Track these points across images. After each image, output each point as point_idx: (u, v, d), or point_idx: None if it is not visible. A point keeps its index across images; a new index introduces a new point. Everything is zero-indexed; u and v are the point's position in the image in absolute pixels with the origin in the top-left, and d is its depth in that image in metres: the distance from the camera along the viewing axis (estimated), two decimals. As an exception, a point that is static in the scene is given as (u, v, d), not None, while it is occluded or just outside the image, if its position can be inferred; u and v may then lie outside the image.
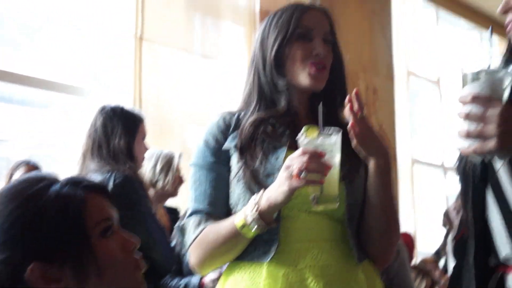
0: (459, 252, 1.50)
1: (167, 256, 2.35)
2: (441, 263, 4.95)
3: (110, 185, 2.23)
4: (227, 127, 1.54)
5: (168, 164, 2.86)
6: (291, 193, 1.34)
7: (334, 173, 1.36)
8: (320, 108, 1.39)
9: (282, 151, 1.46)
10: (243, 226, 1.40)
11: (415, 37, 6.35)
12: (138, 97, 3.44)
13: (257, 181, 1.45)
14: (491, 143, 1.07)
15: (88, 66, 3.52)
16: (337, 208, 1.39)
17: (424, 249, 5.51)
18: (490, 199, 1.26)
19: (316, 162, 1.31)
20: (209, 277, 2.41)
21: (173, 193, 2.91)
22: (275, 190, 1.37)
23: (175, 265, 2.49)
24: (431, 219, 5.81)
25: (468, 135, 1.09)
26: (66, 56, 3.60)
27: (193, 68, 3.77)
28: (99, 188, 1.15)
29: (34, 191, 1.10)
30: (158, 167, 2.83)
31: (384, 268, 1.90)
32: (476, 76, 1.11)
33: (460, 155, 1.35)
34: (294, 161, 1.32)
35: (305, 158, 1.30)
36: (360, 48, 4.82)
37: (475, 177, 1.30)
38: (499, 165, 1.23)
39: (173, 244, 2.56)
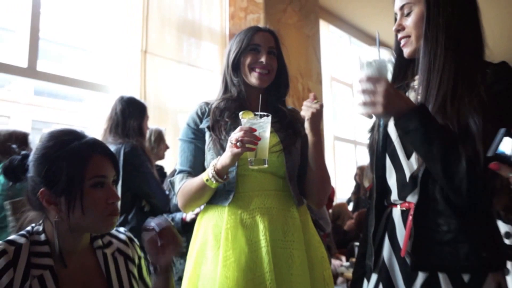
0: (368, 199, 1.52)
1: (162, 201, 2.34)
2: (350, 206, 5.05)
3: (121, 153, 2.20)
4: (203, 113, 1.53)
5: (159, 136, 2.83)
6: (234, 157, 1.33)
7: (264, 143, 1.34)
8: (259, 98, 1.40)
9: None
10: (207, 180, 1.39)
11: (336, 53, 6.38)
12: (143, 92, 3.40)
13: (221, 150, 1.43)
14: (379, 109, 1.09)
15: (108, 71, 3.46)
16: (266, 167, 1.37)
17: (340, 197, 5.61)
18: (388, 162, 1.28)
19: (249, 135, 1.29)
20: (189, 216, 2.39)
21: (162, 156, 2.88)
22: (224, 156, 1.36)
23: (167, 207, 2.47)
24: (346, 178, 5.90)
25: (364, 104, 1.10)
26: (93, 62, 3.56)
27: (182, 74, 3.72)
28: (107, 153, 1.14)
29: (62, 140, 1.11)
30: (153, 138, 2.80)
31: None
32: (368, 63, 1.14)
33: (370, 135, 1.38)
34: (235, 135, 1.31)
35: (241, 132, 1.29)
36: (298, 60, 4.83)
37: (378, 148, 1.31)
38: (394, 138, 1.25)
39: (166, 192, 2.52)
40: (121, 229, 1.31)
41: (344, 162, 6.11)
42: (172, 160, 3.06)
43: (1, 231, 2.15)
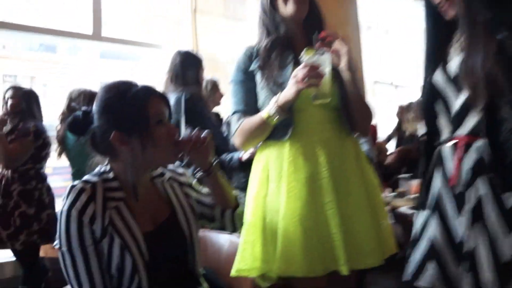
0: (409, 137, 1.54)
1: (221, 142, 2.39)
2: (391, 143, 4.98)
3: (182, 99, 2.24)
4: (251, 56, 1.50)
5: (214, 85, 2.85)
6: (298, 93, 1.32)
7: (326, 78, 1.32)
8: (315, 35, 1.35)
9: (290, 67, 1.41)
10: (268, 116, 1.37)
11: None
12: (196, 47, 3.44)
13: (275, 88, 1.40)
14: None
15: (164, 30, 3.48)
16: (329, 101, 1.35)
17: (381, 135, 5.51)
18: (439, 107, 1.31)
19: (313, 72, 1.28)
20: (245, 156, 2.39)
21: (218, 103, 2.90)
22: (287, 92, 1.34)
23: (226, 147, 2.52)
24: (386, 120, 5.76)
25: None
26: (150, 22, 3.61)
27: (230, 28, 3.70)
28: (161, 96, 1.19)
29: (122, 89, 1.16)
30: (209, 87, 2.82)
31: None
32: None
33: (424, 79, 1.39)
34: (299, 71, 1.29)
35: (306, 69, 1.28)
36: (336, 8, 4.63)
37: (429, 95, 1.34)
38: (442, 83, 1.28)
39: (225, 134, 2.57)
40: None
41: (385, 105, 5.94)
42: (227, 107, 3.11)
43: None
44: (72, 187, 1.11)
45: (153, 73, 3.52)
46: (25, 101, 2.59)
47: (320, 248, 1.34)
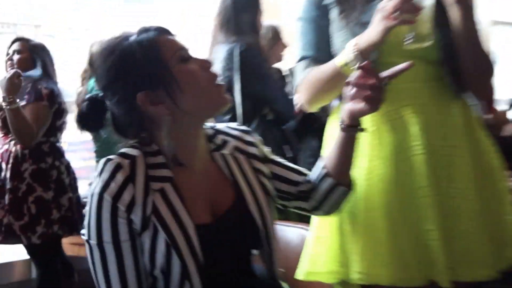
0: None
1: (286, 106, 2.41)
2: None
3: (236, 52, 2.29)
4: None
5: (276, 33, 2.87)
6: (386, 32, 1.29)
7: (425, 14, 1.28)
8: None
9: (377, 1, 1.37)
10: (344, 64, 1.37)
11: None
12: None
13: (356, 29, 1.39)
14: None
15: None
16: (429, 46, 1.32)
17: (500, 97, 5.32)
18: None
19: (408, 3, 1.24)
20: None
21: (279, 57, 2.92)
22: (371, 31, 1.32)
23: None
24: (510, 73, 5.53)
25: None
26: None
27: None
28: (165, 30, 1.20)
29: (117, 43, 1.17)
30: (270, 35, 2.84)
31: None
32: None
33: None
34: (388, 3, 1.26)
35: (397, 1, 1.24)
36: None
37: None
38: None
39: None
40: (233, 124, 1.37)
41: (507, 52, 5.69)
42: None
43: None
44: (106, 162, 1.13)
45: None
46: (36, 57, 2.69)
47: (412, 250, 1.35)
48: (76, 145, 3.44)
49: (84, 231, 1.15)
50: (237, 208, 1.23)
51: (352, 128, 1.25)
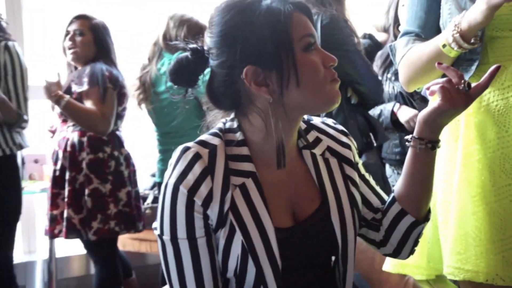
0: None
1: (373, 88, 2.27)
2: None
3: (318, 25, 2.11)
4: None
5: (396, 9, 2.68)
6: (491, 12, 1.26)
7: None
8: None
9: None
10: (444, 45, 1.35)
11: None
12: None
13: (464, 2, 1.36)
14: None
15: None
16: None
17: None
18: None
19: None
20: (404, 113, 2.32)
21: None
22: (475, 10, 1.29)
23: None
24: None
25: None
26: None
27: None
28: (304, 8, 1.13)
29: (247, 3, 1.10)
30: (392, 13, 2.64)
31: None
32: None
33: None
34: None
35: None
36: None
37: None
38: None
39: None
40: (329, 121, 1.31)
41: None
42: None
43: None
44: (184, 150, 1.09)
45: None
46: (98, 38, 2.58)
47: None
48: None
49: (156, 225, 1.14)
50: (320, 215, 1.20)
51: (428, 142, 1.19)
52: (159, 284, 2.19)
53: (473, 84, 1.19)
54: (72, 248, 3.18)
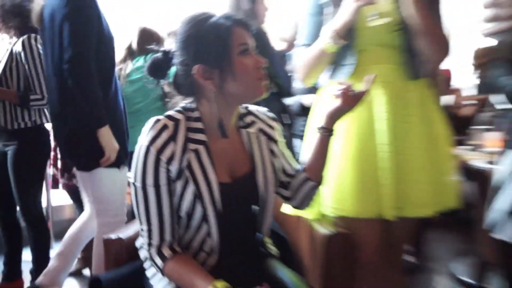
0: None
1: (286, 81, 2.68)
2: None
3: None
4: None
5: None
6: (355, 12, 1.43)
7: None
8: None
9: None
10: (326, 44, 1.51)
11: None
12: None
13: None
14: (507, 24, 1.06)
15: None
16: (394, 35, 1.46)
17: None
18: None
19: None
20: (308, 100, 2.63)
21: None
22: (344, 12, 1.46)
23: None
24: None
25: (490, 20, 1.08)
26: None
27: None
28: (243, 23, 1.22)
29: (200, 19, 1.21)
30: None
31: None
32: None
33: None
34: None
35: None
36: None
37: None
38: None
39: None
40: (263, 109, 1.43)
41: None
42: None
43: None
44: (156, 121, 1.20)
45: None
46: None
47: (373, 191, 1.49)
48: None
49: (130, 175, 1.23)
50: (248, 177, 1.31)
51: (329, 131, 1.36)
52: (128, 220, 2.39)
53: (359, 90, 1.34)
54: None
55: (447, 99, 4.21)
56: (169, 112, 1.24)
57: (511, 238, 1.34)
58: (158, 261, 1.21)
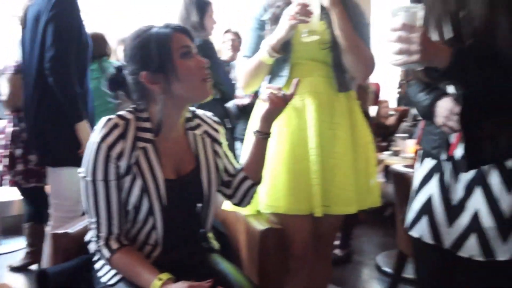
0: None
1: (230, 88, 2.83)
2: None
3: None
4: (267, 4, 1.71)
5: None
6: (289, 29, 1.54)
7: (315, 16, 1.52)
8: None
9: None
10: (263, 56, 1.62)
11: None
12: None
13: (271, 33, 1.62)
14: (415, 57, 1.08)
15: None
16: (317, 38, 1.55)
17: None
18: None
19: (303, 9, 1.50)
20: (242, 101, 2.77)
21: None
22: (280, 29, 1.57)
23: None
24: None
25: (400, 53, 1.09)
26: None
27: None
28: (182, 29, 1.28)
29: (144, 31, 1.26)
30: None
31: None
32: (401, 9, 1.11)
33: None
34: (292, 9, 1.53)
35: (298, 7, 1.51)
36: None
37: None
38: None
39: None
40: (209, 114, 1.49)
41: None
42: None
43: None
44: (108, 120, 1.24)
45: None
46: None
47: (304, 190, 1.59)
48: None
49: (82, 169, 1.25)
50: (193, 175, 1.36)
51: (264, 134, 1.42)
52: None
53: (287, 93, 1.40)
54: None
55: (374, 109, 4.46)
56: (121, 112, 1.29)
57: (420, 234, 1.42)
58: (106, 252, 1.25)
